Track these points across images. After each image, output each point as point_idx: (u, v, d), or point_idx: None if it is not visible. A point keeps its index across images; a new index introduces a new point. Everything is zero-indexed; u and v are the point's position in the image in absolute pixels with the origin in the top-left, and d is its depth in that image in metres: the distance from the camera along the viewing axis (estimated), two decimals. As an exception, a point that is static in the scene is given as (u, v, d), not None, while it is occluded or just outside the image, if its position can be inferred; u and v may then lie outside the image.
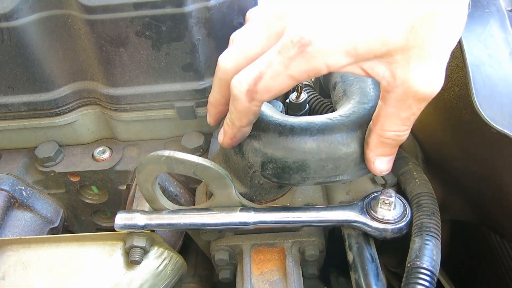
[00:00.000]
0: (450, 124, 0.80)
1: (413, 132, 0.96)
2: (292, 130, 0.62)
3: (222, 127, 0.61)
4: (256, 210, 0.66)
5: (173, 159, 0.61)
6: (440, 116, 0.84)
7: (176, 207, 0.68)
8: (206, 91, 0.73)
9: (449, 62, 0.49)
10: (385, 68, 0.49)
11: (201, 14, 0.67)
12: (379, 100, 0.54)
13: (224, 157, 0.70)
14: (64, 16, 0.68)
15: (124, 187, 0.81)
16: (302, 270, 0.72)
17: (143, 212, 0.67)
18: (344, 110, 0.65)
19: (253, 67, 0.51)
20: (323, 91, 0.89)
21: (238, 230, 0.71)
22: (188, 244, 0.86)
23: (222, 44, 0.71)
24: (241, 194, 0.67)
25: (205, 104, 0.75)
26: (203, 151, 0.78)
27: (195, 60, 0.70)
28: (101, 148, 0.80)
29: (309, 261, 0.71)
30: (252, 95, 0.51)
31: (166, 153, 0.62)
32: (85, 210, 0.86)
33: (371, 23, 0.46)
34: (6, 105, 0.75)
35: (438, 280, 0.62)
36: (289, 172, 0.62)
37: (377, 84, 0.68)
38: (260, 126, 0.63)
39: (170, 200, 0.69)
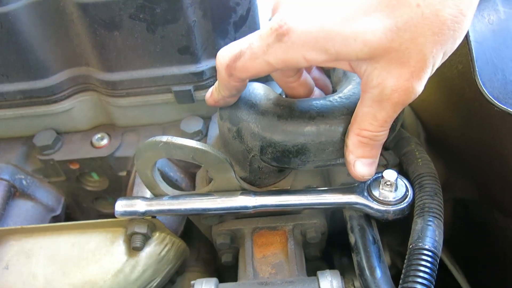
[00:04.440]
0: (452, 102, 0.79)
1: (415, 110, 0.95)
2: (291, 113, 0.61)
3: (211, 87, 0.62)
4: (256, 193, 0.65)
5: (171, 144, 0.60)
6: (442, 94, 0.82)
7: (176, 192, 0.67)
8: (203, 74, 0.72)
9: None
10: (366, 66, 0.48)
11: None
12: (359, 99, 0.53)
13: (223, 142, 0.69)
14: (55, 0, 0.66)
15: (124, 173, 0.80)
16: (304, 252, 0.72)
17: (144, 198, 0.66)
18: (344, 92, 0.64)
19: (237, 45, 0.52)
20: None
21: (239, 214, 0.71)
22: (190, 228, 0.86)
23: (218, 25, 0.69)
24: (241, 178, 0.67)
25: (203, 87, 0.74)
26: (202, 135, 0.77)
27: (191, 42, 0.69)
28: (99, 135, 0.80)
29: (310, 243, 0.71)
30: (231, 71, 0.53)
31: (164, 138, 0.61)
32: (86, 197, 0.86)
33: (356, 22, 0.44)
34: (1, 93, 0.74)
35: (441, 260, 0.62)
36: (289, 156, 0.61)
37: None
38: (259, 109, 0.62)
39: (170, 186, 0.69)
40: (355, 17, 0.45)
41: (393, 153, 0.70)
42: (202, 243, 0.89)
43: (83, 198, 0.86)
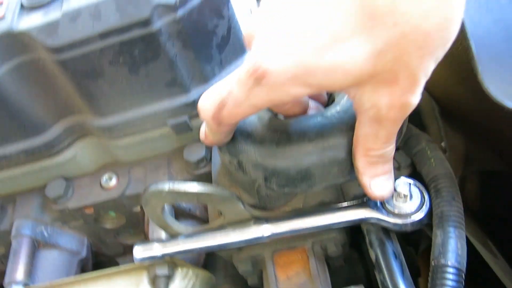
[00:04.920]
0: (462, 77, 0.74)
1: (427, 89, 0.90)
2: (289, 138, 0.58)
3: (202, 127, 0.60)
4: (269, 221, 0.64)
5: (175, 192, 0.59)
6: (451, 70, 0.78)
7: (189, 229, 0.67)
8: (196, 102, 0.69)
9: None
10: (355, 92, 0.45)
11: (171, 28, 0.62)
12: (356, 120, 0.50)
13: (227, 171, 0.68)
14: (34, 61, 0.65)
15: (138, 208, 0.80)
16: (329, 264, 0.71)
17: (159, 241, 0.66)
18: (342, 104, 0.61)
19: (216, 94, 0.50)
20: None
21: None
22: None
23: (201, 51, 0.66)
24: (251, 205, 0.65)
25: (198, 114, 0.72)
26: (206, 161, 0.75)
27: (177, 75, 0.66)
28: (107, 175, 0.79)
29: (333, 256, 0.69)
30: (219, 121, 0.51)
31: (166, 187, 0.60)
32: (107, 234, 0.86)
33: (333, 52, 0.41)
34: (4, 156, 0.74)
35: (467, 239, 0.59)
36: (294, 182, 0.59)
37: None
38: (256, 138, 0.60)
39: (184, 216, 0.69)
40: (332, 46, 0.42)
41: (404, 153, 0.67)
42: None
43: (105, 235, 0.87)
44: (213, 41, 0.66)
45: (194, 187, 0.60)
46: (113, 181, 0.79)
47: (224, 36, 0.67)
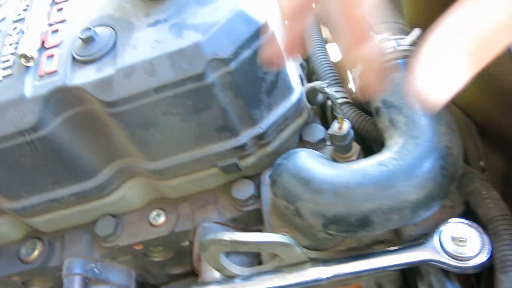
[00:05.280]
0: (501, 101, 0.76)
1: (464, 111, 0.90)
2: (347, 188, 0.59)
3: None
4: (326, 263, 0.65)
5: (235, 242, 0.61)
6: (496, 101, 0.78)
7: (246, 271, 0.68)
8: (245, 145, 0.71)
9: None
10: None
11: (224, 80, 0.62)
12: None
13: (281, 213, 0.69)
14: (88, 112, 0.66)
15: (187, 243, 0.82)
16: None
17: (217, 283, 0.68)
18: (397, 149, 0.61)
19: None
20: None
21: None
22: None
23: (251, 98, 0.67)
24: (305, 246, 0.67)
25: (246, 156, 0.73)
26: (255, 198, 0.76)
27: (228, 121, 0.67)
28: (155, 212, 0.81)
29: (388, 293, 0.71)
30: None
31: (227, 237, 0.61)
32: (154, 265, 0.88)
33: None
34: (56, 199, 0.75)
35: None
36: (353, 229, 0.60)
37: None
38: (314, 187, 0.61)
39: (239, 255, 0.70)
40: None
41: (458, 191, 0.67)
42: None
43: (152, 267, 0.88)
44: (262, 87, 0.67)
45: (255, 237, 0.61)
46: (162, 218, 0.80)
47: (272, 81, 0.67)
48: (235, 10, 0.60)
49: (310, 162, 0.64)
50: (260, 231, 0.80)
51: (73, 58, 0.65)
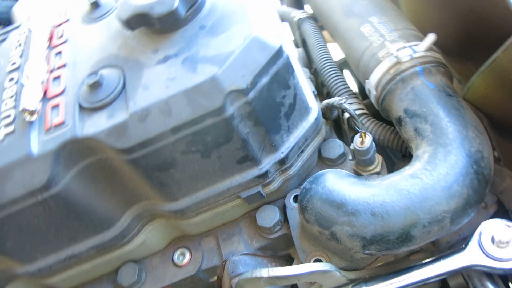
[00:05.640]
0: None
1: (474, 104, 0.90)
2: (383, 206, 0.57)
3: None
4: (368, 283, 0.63)
5: (274, 278, 0.58)
6: (503, 89, 0.78)
7: (286, 303, 0.66)
8: (268, 173, 0.68)
9: None
10: None
11: (243, 110, 0.60)
12: None
13: (313, 237, 0.66)
14: (101, 161, 0.62)
15: (215, 278, 0.78)
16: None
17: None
18: (427, 159, 0.60)
19: None
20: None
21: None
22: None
23: (271, 124, 0.64)
24: (343, 268, 0.64)
25: (270, 183, 0.70)
26: (281, 224, 0.74)
27: (249, 151, 0.64)
28: (179, 252, 0.77)
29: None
30: None
31: (265, 273, 0.59)
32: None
33: None
34: (73, 255, 0.71)
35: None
36: (394, 246, 0.58)
37: (451, 114, 0.62)
38: (348, 209, 0.59)
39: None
40: None
41: (489, 191, 0.66)
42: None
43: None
44: (281, 112, 0.65)
45: (294, 269, 0.58)
46: (186, 257, 0.77)
47: (291, 104, 0.65)
48: (250, 37, 0.58)
49: (340, 184, 0.62)
50: (289, 256, 0.78)
51: (81, 106, 0.62)
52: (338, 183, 0.62)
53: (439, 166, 0.58)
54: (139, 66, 0.62)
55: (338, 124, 0.84)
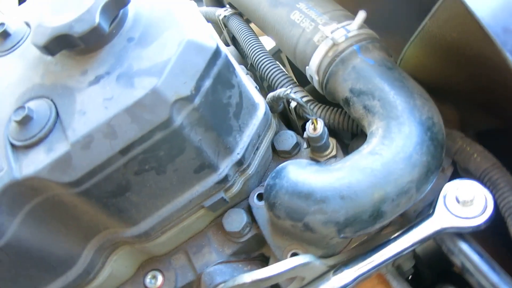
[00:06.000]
0: (452, 61, 0.78)
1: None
2: (351, 188, 0.57)
3: None
4: (347, 266, 0.63)
5: (257, 281, 0.57)
6: (438, 58, 0.80)
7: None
8: (228, 177, 0.66)
9: None
10: None
11: (191, 118, 0.57)
12: None
13: (285, 232, 0.65)
14: (48, 200, 0.57)
15: (192, 294, 0.76)
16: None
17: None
18: (382, 134, 0.60)
19: None
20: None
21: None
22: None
23: (222, 127, 0.62)
24: (320, 256, 0.64)
25: (232, 186, 0.68)
26: (250, 225, 0.72)
27: (204, 158, 0.62)
28: (150, 276, 0.73)
29: (409, 271, 0.71)
30: None
31: (247, 279, 0.57)
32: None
33: None
34: None
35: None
36: (368, 225, 0.59)
37: (396, 86, 0.63)
38: (317, 197, 0.58)
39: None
40: None
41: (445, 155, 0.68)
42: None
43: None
44: (230, 113, 0.63)
45: (275, 268, 0.57)
46: (159, 279, 0.73)
47: (238, 103, 0.63)
48: (184, 41, 0.55)
49: (303, 173, 0.61)
50: (263, 255, 0.76)
51: (13, 146, 0.56)
52: (301, 173, 0.61)
53: (395, 139, 0.59)
54: (69, 91, 0.58)
55: (285, 116, 0.84)
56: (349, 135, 0.82)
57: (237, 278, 0.57)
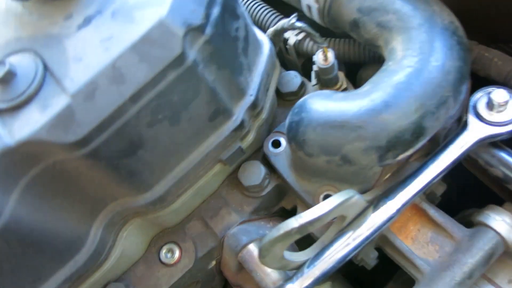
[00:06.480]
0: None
1: None
2: (389, 106, 0.53)
3: None
4: (387, 197, 0.58)
5: (307, 224, 0.51)
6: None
7: (312, 251, 0.59)
8: (244, 122, 0.60)
9: None
10: None
11: (204, 52, 0.50)
12: None
13: (315, 172, 0.60)
14: (48, 169, 0.48)
15: (214, 263, 0.69)
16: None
17: (288, 281, 0.57)
18: (407, 46, 0.56)
19: None
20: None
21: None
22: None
23: (233, 64, 0.56)
24: (356, 193, 0.59)
25: (248, 133, 0.62)
26: (269, 176, 0.66)
27: (219, 103, 0.55)
28: (165, 250, 0.66)
29: (439, 196, 0.67)
30: None
31: (295, 224, 0.51)
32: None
33: None
34: None
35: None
36: (410, 145, 0.54)
37: None
38: (353, 124, 0.53)
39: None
40: None
41: None
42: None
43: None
44: (239, 47, 0.56)
45: (322, 208, 0.52)
46: (176, 252, 0.66)
47: (245, 37, 0.57)
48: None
49: (331, 103, 0.56)
50: (282, 210, 0.71)
51: (-3, 109, 0.47)
52: (329, 102, 0.56)
53: (423, 48, 0.55)
54: (55, 40, 0.49)
55: (280, 59, 0.78)
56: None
57: (281, 227, 0.51)
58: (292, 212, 0.68)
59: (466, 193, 0.77)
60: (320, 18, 0.67)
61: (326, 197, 0.61)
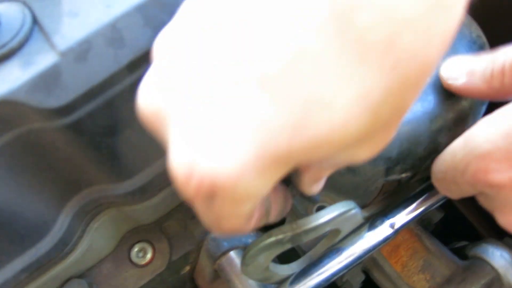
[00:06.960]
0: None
1: None
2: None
3: None
4: (386, 216, 0.55)
5: (297, 235, 0.46)
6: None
7: (298, 265, 0.54)
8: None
9: None
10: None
11: None
12: None
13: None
14: (20, 138, 0.42)
15: (187, 269, 0.63)
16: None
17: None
18: None
19: None
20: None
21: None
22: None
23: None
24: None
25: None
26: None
27: None
28: (137, 248, 0.60)
29: (434, 222, 0.64)
30: None
31: (289, 231, 0.46)
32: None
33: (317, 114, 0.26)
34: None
35: None
36: (419, 162, 0.51)
37: None
38: None
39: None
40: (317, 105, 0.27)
41: None
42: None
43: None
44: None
45: (320, 217, 0.47)
46: (149, 252, 0.60)
47: None
48: None
49: None
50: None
51: (-32, 61, 0.40)
52: None
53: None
54: (47, -10, 0.43)
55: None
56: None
57: (273, 233, 0.46)
58: (279, 222, 0.63)
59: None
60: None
61: (320, 208, 0.57)
